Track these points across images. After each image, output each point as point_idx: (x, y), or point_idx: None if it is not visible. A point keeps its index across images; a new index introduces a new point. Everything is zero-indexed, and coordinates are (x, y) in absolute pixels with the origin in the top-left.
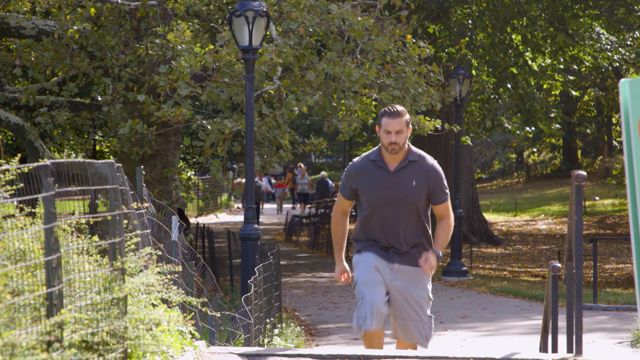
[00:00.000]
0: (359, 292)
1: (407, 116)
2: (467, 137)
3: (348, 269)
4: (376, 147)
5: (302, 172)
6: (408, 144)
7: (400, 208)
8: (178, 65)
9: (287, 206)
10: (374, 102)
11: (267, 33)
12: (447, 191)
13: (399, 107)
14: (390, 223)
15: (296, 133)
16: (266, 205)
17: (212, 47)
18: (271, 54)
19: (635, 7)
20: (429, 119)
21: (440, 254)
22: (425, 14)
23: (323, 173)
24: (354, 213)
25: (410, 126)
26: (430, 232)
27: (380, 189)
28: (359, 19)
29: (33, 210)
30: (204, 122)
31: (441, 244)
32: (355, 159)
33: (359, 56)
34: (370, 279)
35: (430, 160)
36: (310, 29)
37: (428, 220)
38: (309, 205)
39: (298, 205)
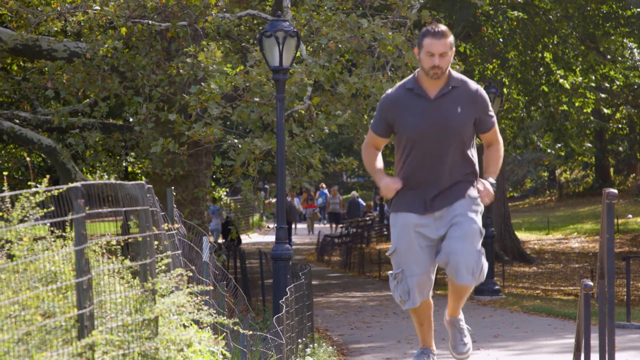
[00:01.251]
0: (398, 263)
1: (452, 37)
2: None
3: (392, 178)
4: (411, 75)
5: (334, 192)
6: (449, 69)
7: (445, 139)
8: (208, 87)
9: (317, 226)
10: None
11: (298, 53)
12: (494, 115)
13: (443, 26)
14: (434, 159)
15: (327, 152)
16: (298, 225)
17: (242, 67)
18: (301, 74)
19: None
20: None
21: (495, 182)
22: (455, 33)
23: (354, 193)
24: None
25: (454, 49)
26: (477, 166)
27: (421, 119)
28: (390, 34)
29: (64, 232)
30: (235, 140)
31: (493, 170)
32: (388, 90)
33: (389, 72)
34: (411, 247)
35: (474, 84)
36: (340, 45)
37: (474, 152)
38: (341, 225)
39: (326, 224)
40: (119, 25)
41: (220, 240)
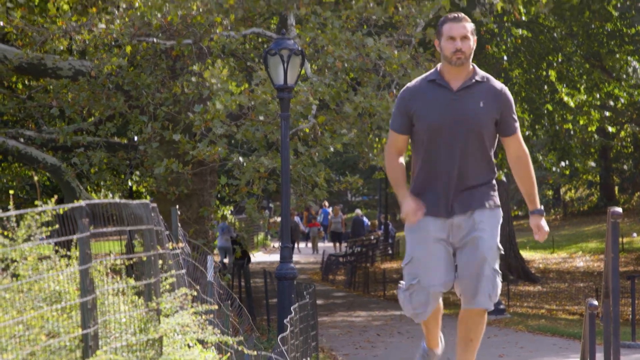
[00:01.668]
0: (415, 273)
1: (472, 24)
2: (501, 172)
3: (417, 201)
4: (433, 69)
5: (335, 211)
6: (473, 65)
7: (466, 134)
8: (213, 106)
9: (321, 245)
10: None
11: (303, 72)
12: (517, 121)
13: (462, 13)
14: (454, 154)
15: (331, 170)
16: (302, 245)
17: (247, 85)
18: (307, 93)
19: None
20: None
21: (543, 211)
22: None
23: (358, 211)
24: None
25: (475, 37)
26: (495, 170)
27: (442, 111)
28: (395, 52)
29: (68, 252)
30: (240, 159)
31: (534, 194)
32: (408, 84)
33: (394, 90)
34: (430, 256)
35: (499, 83)
36: (346, 64)
37: (494, 155)
38: (345, 244)
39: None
40: (124, 44)
41: (225, 260)
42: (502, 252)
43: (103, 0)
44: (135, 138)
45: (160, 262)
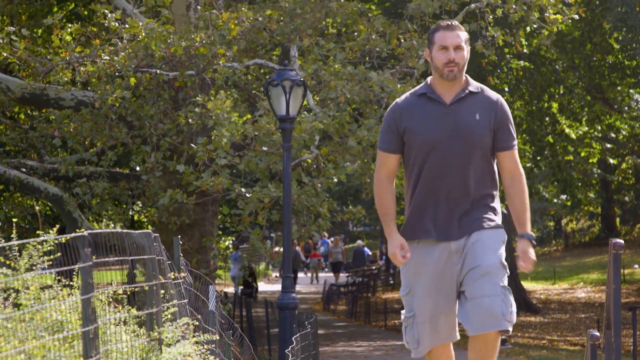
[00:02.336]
0: (409, 305)
1: (466, 33)
2: (502, 204)
3: (405, 242)
4: (423, 83)
5: (336, 241)
6: (465, 75)
7: (463, 148)
8: (219, 134)
9: (322, 275)
10: None
11: (305, 102)
12: (515, 137)
13: (455, 21)
14: (451, 172)
15: (333, 200)
16: (300, 275)
17: (250, 116)
18: (311, 122)
19: None
20: None
21: (533, 236)
22: None
23: (359, 242)
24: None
25: (469, 47)
26: (498, 185)
27: (436, 126)
28: (398, 86)
29: (71, 281)
30: (242, 190)
31: (525, 218)
32: (397, 99)
33: None
34: (427, 287)
35: (494, 93)
36: (349, 96)
37: (494, 167)
38: (347, 274)
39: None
40: (127, 75)
41: (241, 288)
42: (508, 273)
43: (106, 32)
44: (138, 168)
45: (162, 291)
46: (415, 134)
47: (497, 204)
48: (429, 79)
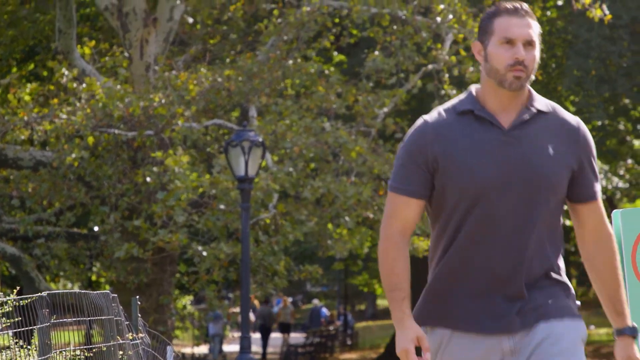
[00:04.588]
0: None
1: (538, 24)
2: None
3: (422, 334)
4: (464, 93)
5: (284, 302)
6: (528, 87)
7: (526, 196)
8: (175, 187)
9: (274, 335)
10: (369, 231)
11: (264, 163)
12: (599, 180)
13: (524, 4)
14: (509, 230)
15: (290, 259)
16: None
17: (208, 176)
18: (267, 179)
19: (627, 138)
20: (422, 238)
21: (637, 330)
22: None
23: (315, 301)
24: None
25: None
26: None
27: (489, 161)
28: (353, 137)
29: (28, 343)
30: (199, 248)
31: (623, 300)
32: (425, 116)
33: (353, 178)
34: None
35: (572, 116)
36: (305, 151)
37: (562, 230)
38: (304, 335)
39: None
40: (85, 135)
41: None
42: None
43: (65, 92)
44: (96, 228)
45: (120, 352)
46: (453, 172)
47: (566, 278)
48: (473, 87)
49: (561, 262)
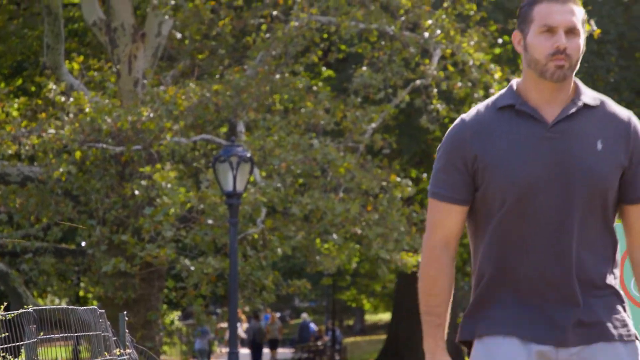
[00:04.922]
0: None
1: (583, 10)
2: None
3: None
4: (505, 88)
5: (272, 318)
6: (575, 79)
7: (573, 197)
8: (162, 202)
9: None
10: (356, 246)
11: (252, 178)
12: None
13: None
14: (558, 233)
15: (279, 274)
16: (243, 351)
17: (196, 191)
18: (255, 194)
19: None
20: (411, 254)
21: None
22: (407, 158)
23: (304, 315)
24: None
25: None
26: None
27: (533, 159)
28: (341, 154)
29: (15, 358)
30: (187, 262)
31: None
32: (463, 115)
33: (341, 194)
34: None
35: (623, 109)
36: (293, 167)
37: (615, 233)
38: (293, 350)
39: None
40: (73, 149)
41: None
42: None
43: (52, 106)
44: (83, 243)
45: None
46: (497, 172)
47: (619, 284)
48: (513, 82)
49: (615, 267)
